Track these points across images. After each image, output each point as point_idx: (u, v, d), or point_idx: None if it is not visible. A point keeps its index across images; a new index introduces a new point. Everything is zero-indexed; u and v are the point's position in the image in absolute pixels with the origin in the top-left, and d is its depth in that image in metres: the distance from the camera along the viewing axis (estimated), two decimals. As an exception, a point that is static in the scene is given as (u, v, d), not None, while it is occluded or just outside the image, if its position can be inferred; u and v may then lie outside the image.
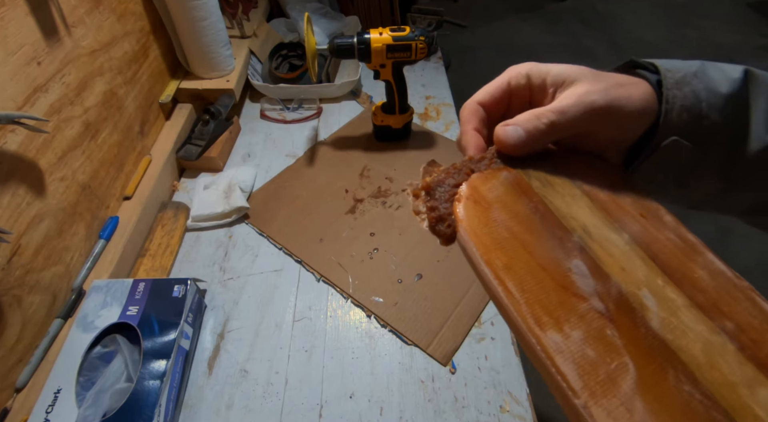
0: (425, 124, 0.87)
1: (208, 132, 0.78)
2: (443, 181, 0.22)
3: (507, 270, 0.18)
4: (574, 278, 0.18)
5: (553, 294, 0.17)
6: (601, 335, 0.16)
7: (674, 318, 0.17)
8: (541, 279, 0.18)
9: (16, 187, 0.48)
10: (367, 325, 0.57)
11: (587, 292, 0.17)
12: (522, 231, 0.19)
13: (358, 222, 0.69)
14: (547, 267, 0.18)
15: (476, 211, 0.20)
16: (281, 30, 1.07)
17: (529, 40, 2.62)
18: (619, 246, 0.19)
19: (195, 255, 0.66)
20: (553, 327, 0.16)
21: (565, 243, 0.19)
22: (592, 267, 0.18)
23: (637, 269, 0.19)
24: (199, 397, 0.52)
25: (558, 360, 0.16)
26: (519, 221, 0.20)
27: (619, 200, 0.22)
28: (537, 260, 0.18)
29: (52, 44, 0.53)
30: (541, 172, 0.22)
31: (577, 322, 0.17)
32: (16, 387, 0.49)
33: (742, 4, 2.80)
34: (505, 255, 0.18)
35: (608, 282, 0.18)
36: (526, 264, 0.18)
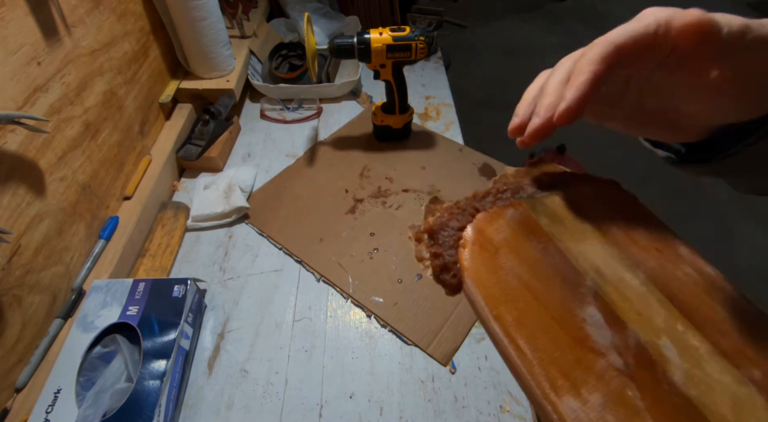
0: (425, 124, 0.87)
1: (208, 132, 0.78)
2: (447, 224, 0.20)
3: (518, 326, 0.16)
4: (589, 330, 0.16)
5: (568, 351, 0.16)
6: (621, 397, 0.15)
7: (698, 370, 0.16)
8: (555, 334, 0.16)
9: (16, 187, 0.48)
10: (367, 325, 0.57)
11: (604, 346, 0.16)
12: (532, 278, 0.18)
13: (358, 222, 0.69)
14: (561, 319, 0.17)
15: (483, 258, 0.18)
16: (281, 30, 1.07)
17: (529, 40, 2.61)
18: (634, 287, 0.18)
19: (195, 255, 0.66)
20: (570, 392, 0.15)
21: (577, 288, 0.18)
22: (607, 315, 0.17)
23: (655, 313, 0.17)
24: (199, 397, 0.52)
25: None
26: (528, 267, 0.18)
27: (632, 233, 0.20)
28: (549, 312, 0.17)
29: (52, 44, 0.53)
30: (549, 206, 0.21)
31: (595, 384, 0.15)
32: (16, 387, 0.49)
33: (742, 4, 2.80)
34: (515, 309, 0.17)
35: (625, 332, 0.16)
36: (538, 318, 0.17)
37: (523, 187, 0.22)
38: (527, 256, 0.19)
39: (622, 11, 3.00)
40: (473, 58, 2.46)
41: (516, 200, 0.21)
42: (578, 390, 0.15)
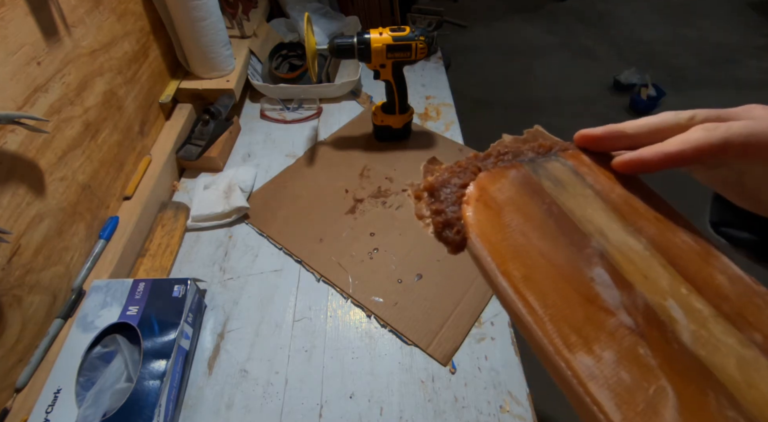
0: (425, 124, 0.87)
1: (208, 132, 0.78)
2: (448, 181, 0.20)
3: (527, 283, 0.16)
4: (598, 289, 0.16)
5: (579, 308, 0.16)
6: (634, 355, 0.15)
7: (704, 331, 0.16)
8: (564, 291, 0.16)
9: (16, 187, 0.48)
10: (367, 325, 0.57)
11: (613, 305, 0.16)
12: (538, 236, 0.18)
13: (358, 222, 0.69)
14: (569, 277, 0.17)
15: (487, 215, 0.18)
16: (281, 30, 1.07)
17: (529, 40, 2.62)
18: (638, 251, 0.18)
19: (195, 255, 0.66)
20: (583, 349, 0.15)
21: (583, 249, 0.18)
22: (614, 275, 0.17)
23: (659, 276, 0.17)
24: (199, 397, 0.52)
25: (592, 388, 0.14)
26: (534, 225, 0.18)
27: (632, 202, 0.20)
28: (558, 269, 0.17)
29: (52, 44, 0.53)
30: (551, 170, 0.21)
31: (607, 341, 0.15)
32: (16, 387, 0.49)
33: (742, 4, 2.80)
34: (523, 266, 0.17)
35: (633, 293, 0.16)
36: (547, 275, 0.17)
37: (523, 152, 0.22)
38: (532, 215, 0.18)
39: (622, 11, 3.01)
40: (473, 58, 2.47)
41: (518, 162, 0.21)
42: (591, 346, 0.15)
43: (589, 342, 0.15)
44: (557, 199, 0.19)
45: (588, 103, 2.15)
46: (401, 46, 0.68)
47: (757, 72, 2.26)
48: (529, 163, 0.21)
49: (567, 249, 0.17)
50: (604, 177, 0.21)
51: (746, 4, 2.80)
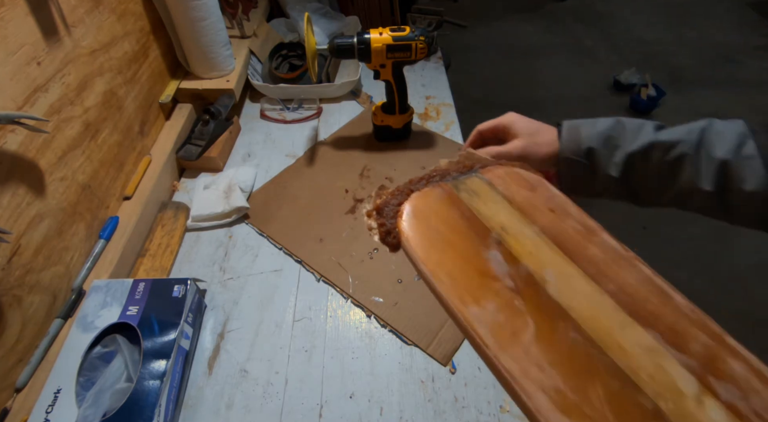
0: (425, 124, 0.87)
1: (208, 132, 0.78)
2: (389, 202, 0.26)
3: (439, 266, 0.22)
4: (491, 265, 0.23)
5: (475, 279, 0.22)
6: (510, 305, 0.21)
7: (568, 286, 0.22)
8: (465, 269, 0.22)
9: (16, 187, 0.48)
10: (367, 325, 0.57)
11: (500, 275, 0.22)
12: (451, 233, 0.24)
13: (358, 222, 0.69)
14: (470, 259, 0.23)
15: (415, 223, 0.25)
16: (281, 30, 1.07)
17: (529, 40, 2.62)
18: (530, 237, 0.24)
19: (195, 255, 0.66)
20: (474, 304, 0.21)
21: (485, 239, 0.24)
22: (506, 255, 0.23)
23: (542, 253, 0.23)
24: (199, 397, 0.52)
25: (476, 326, 0.20)
26: (449, 226, 0.24)
27: (533, 200, 0.26)
28: (462, 255, 0.23)
29: (52, 44, 0.53)
30: (468, 185, 0.28)
31: (492, 298, 0.21)
32: (16, 387, 0.49)
33: (742, 4, 2.80)
34: (437, 254, 0.23)
35: (518, 265, 0.23)
36: (454, 260, 0.23)
37: (450, 173, 0.29)
38: (448, 220, 0.25)
39: (622, 11, 3.00)
40: (473, 58, 2.47)
41: (443, 182, 0.27)
42: (479, 302, 0.21)
43: (478, 299, 0.21)
44: (470, 206, 0.26)
45: (588, 102, 2.15)
46: (401, 46, 0.67)
47: (757, 72, 2.26)
48: (453, 180, 0.28)
49: (472, 240, 0.24)
50: (514, 185, 0.28)
51: (746, 4, 2.80)
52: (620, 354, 0.19)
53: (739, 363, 0.19)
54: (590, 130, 0.40)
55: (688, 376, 0.18)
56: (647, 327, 0.20)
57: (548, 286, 0.22)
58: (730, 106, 2.05)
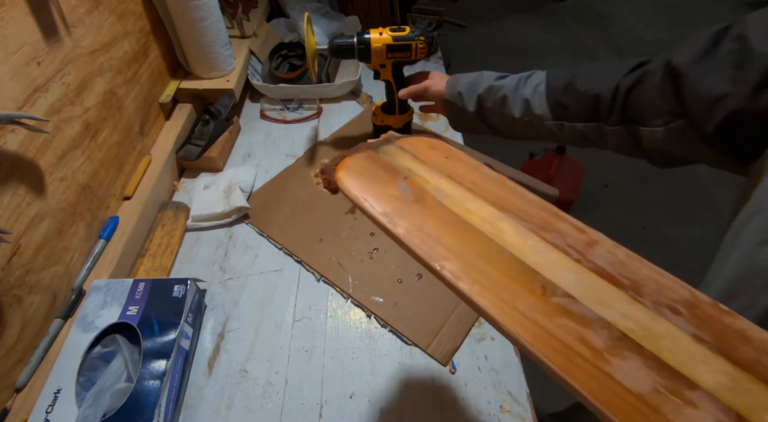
0: (425, 124, 0.87)
1: (208, 132, 0.78)
2: (330, 164, 0.36)
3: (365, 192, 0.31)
4: (399, 190, 0.32)
5: (386, 198, 0.31)
6: (410, 207, 0.30)
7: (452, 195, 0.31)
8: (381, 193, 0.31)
9: (16, 187, 0.48)
10: (367, 325, 0.57)
11: (405, 195, 0.31)
12: (372, 176, 0.33)
13: (358, 223, 0.69)
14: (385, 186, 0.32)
15: (347, 174, 0.34)
16: (281, 30, 1.07)
17: (529, 40, 2.61)
18: (428, 172, 0.33)
19: (195, 255, 0.66)
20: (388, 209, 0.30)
21: (396, 176, 0.33)
22: (410, 184, 0.32)
23: (438, 181, 0.32)
24: (199, 397, 0.52)
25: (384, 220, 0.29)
26: (370, 172, 0.34)
27: (432, 154, 0.36)
28: (380, 186, 0.32)
29: (52, 44, 0.53)
30: (385, 149, 0.37)
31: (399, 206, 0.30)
32: (16, 387, 0.49)
33: (742, 4, 2.80)
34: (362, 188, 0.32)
35: (418, 188, 0.32)
36: (375, 189, 0.32)
37: (374, 144, 0.38)
38: (370, 169, 0.34)
39: (621, 11, 3.00)
40: (473, 58, 2.46)
41: (368, 149, 0.37)
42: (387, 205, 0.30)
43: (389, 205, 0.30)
44: (385, 159, 0.35)
45: (588, 103, 2.14)
46: (401, 46, 0.67)
47: (757, 72, 2.26)
48: (375, 147, 0.37)
49: (386, 178, 0.33)
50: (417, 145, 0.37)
51: (746, 3, 2.80)
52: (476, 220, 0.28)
53: (565, 224, 0.27)
54: (462, 81, 0.62)
55: (525, 231, 0.27)
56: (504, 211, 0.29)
57: (438, 196, 0.31)
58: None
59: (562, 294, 0.23)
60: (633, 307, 0.22)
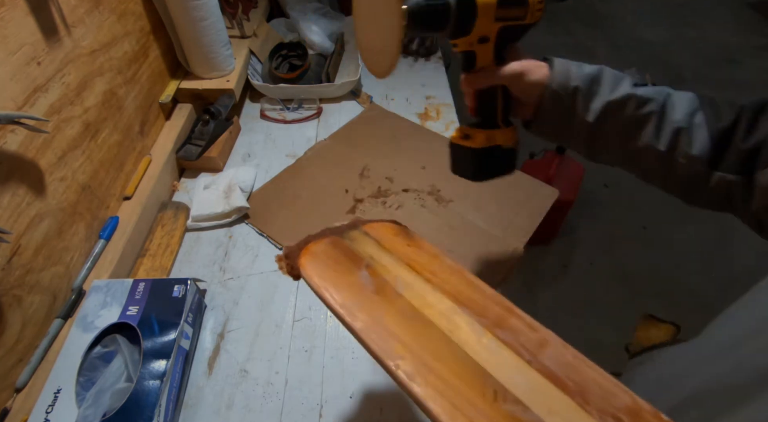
0: (425, 124, 0.87)
1: (208, 132, 0.78)
2: (294, 248, 0.36)
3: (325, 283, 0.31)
4: (361, 279, 0.32)
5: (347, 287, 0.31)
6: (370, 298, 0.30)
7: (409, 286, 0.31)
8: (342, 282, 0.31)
9: (16, 187, 0.48)
10: (367, 325, 0.57)
11: (366, 284, 0.32)
12: (335, 263, 0.34)
13: (358, 222, 0.69)
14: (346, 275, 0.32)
15: (310, 259, 0.34)
16: (281, 30, 1.07)
17: (530, 39, 2.59)
18: (389, 261, 0.34)
19: (195, 255, 0.66)
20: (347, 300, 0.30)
21: (358, 264, 0.33)
22: (371, 273, 0.33)
23: (397, 269, 0.33)
24: (199, 397, 0.52)
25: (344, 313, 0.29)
26: (333, 259, 0.34)
27: (394, 239, 0.37)
28: (340, 275, 0.32)
29: (52, 44, 0.53)
30: (350, 234, 0.38)
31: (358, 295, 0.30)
32: (16, 387, 0.49)
33: (742, 4, 2.80)
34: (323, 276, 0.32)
35: (379, 278, 0.32)
36: (334, 278, 0.32)
37: (340, 229, 0.39)
38: (333, 255, 0.35)
39: (622, 11, 3.00)
40: (473, 58, 2.46)
41: (333, 235, 0.38)
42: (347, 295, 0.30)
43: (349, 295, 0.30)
44: (350, 246, 0.36)
45: (588, 103, 2.14)
46: (514, 1, 0.42)
47: (757, 72, 2.26)
48: (340, 233, 0.38)
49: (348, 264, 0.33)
50: (381, 231, 0.38)
51: (746, 4, 2.80)
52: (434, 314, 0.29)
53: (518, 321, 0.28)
54: (578, 70, 0.41)
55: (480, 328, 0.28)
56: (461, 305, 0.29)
57: (398, 286, 0.31)
58: (730, 106, 2.05)
59: (513, 401, 0.23)
60: (580, 416, 0.22)
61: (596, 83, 0.41)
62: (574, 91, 0.41)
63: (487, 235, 0.67)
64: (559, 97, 0.41)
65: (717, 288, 1.39)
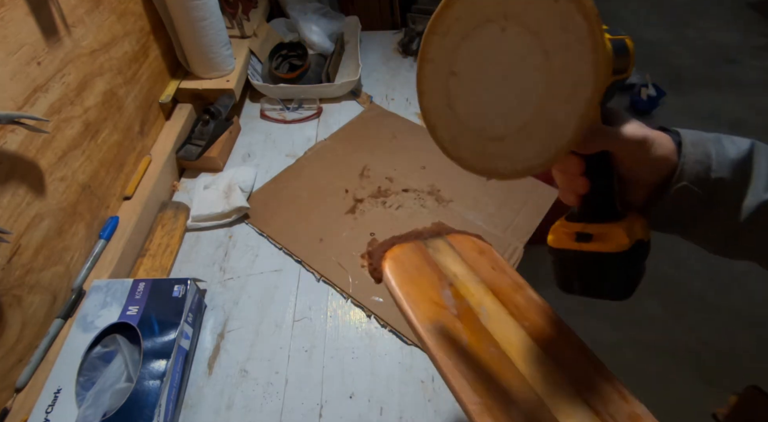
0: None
1: (208, 132, 0.78)
2: (377, 249, 0.36)
3: (407, 295, 0.31)
4: (444, 298, 0.32)
5: (431, 306, 0.31)
6: (452, 324, 0.30)
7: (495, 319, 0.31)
8: (425, 299, 0.31)
9: (16, 187, 0.48)
10: (367, 325, 0.57)
11: (449, 305, 0.31)
12: (418, 275, 0.33)
13: (358, 223, 0.69)
14: (429, 291, 0.32)
15: (393, 264, 0.34)
16: (281, 30, 1.07)
17: (529, 40, 2.61)
18: (473, 283, 0.34)
19: (195, 255, 0.66)
20: (427, 321, 0.30)
21: (442, 281, 0.33)
22: (455, 293, 0.32)
23: (481, 294, 0.33)
24: (199, 397, 0.52)
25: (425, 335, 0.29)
26: (417, 269, 0.34)
27: (480, 259, 0.36)
28: (424, 289, 0.32)
29: (52, 44, 0.53)
30: (433, 244, 0.37)
31: (440, 319, 0.30)
32: (16, 387, 0.49)
33: (742, 4, 2.80)
34: (407, 287, 0.32)
35: (462, 301, 0.32)
36: (418, 292, 0.31)
37: (423, 234, 0.38)
38: (417, 264, 0.34)
39: (622, 11, 2.99)
40: (473, 58, 2.46)
41: (417, 240, 0.37)
42: (431, 320, 0.30)
43: (430, 318, 0.30)
44: (433, 257, 0.35)
45: (588, 103, 2.14)
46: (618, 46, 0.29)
47: (757, 72, 2.26)
48: (423, 240, 0.37)
49: (432, 280, 0.33)
50: (468, 248, 0.38)
51: (746, 4, 2.80)
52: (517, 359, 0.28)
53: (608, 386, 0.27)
54: (719, 152, 0.29)
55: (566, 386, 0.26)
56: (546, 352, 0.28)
57: (481, 315, 0.31)
58: (730, 107, 2.05)
59: None
60: None
61: (746, 175, 0.29)
62: (715, 182, 0.29)
63: (487, 235, 0.67)
64: (691, 193, 0.29)
65: (717, 289, 1.39)
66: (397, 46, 1.07)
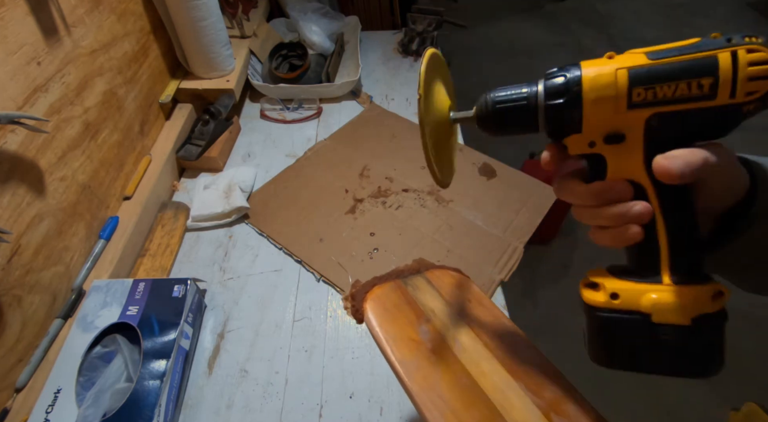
0: (425, 124, 0.87)
1: (208, 132, 0.78)
2: (360, 291, 0.38)
3: (386, 333, 0.33)
4: (420, 334, 0.34)
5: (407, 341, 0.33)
6: (427, 359, 0.32)
7: (467, 350, 0.33)
8: (403, 336, 0.33)
9: (16, 187, 0.48)
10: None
11: (426, 339, 0.33)
12: (397, 311, 0.36)
13: (358, 223, 0.69)
14: (407, 328, 0.34)
15: (373, 305, 0.36)
16: (281, 30, 1.07)
17: (529, 40, 2.61)
18: (450, 317, 0.36)
19: (195, 255, 0.66)
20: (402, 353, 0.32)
21: (419, 317, 0.35)
22: (431, 329, 0.34)
23: (457, 328, 0.35)
24: (199, 397, 0.52)
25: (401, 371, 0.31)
26: (396, 306, 0.36)
27: (457, 292, 0.38)
28: (402, 326, 0.34)
29: (52, 44, 0.53)
30: (412, 281, 0.39)
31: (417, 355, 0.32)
32: (16, 387, 0.49)
33: (742, 4, 2.80)
34: (386, 325, 0.34)
35: (438, 335, 0.34)
36: (397, 329, 0.34)
37: (403, 272, 0.41)
38: (396, 302, 0.37)
39: (622, 11, 3.00)
40: (473, 58, 2.46)
41: (397, 279, 0.39)
42: (407, 356, 0.32)
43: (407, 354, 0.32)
44: (412, 295, 0.38)
45: (588, 103, 2.14)
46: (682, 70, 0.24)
47: (757, 72, 2.26)
48: (404, 278, 0.40)
49: (410, 316, 0.35)
50: (444, 281, 0.40)
51: (746, 4, 2.80)
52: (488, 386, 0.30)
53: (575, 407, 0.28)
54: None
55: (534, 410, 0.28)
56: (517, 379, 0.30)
57: (455, 348, 0.33)
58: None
59: None
60: None
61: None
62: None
63: (487, 235, 0.67)
64: None
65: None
66: (397, 46, 1.07)
